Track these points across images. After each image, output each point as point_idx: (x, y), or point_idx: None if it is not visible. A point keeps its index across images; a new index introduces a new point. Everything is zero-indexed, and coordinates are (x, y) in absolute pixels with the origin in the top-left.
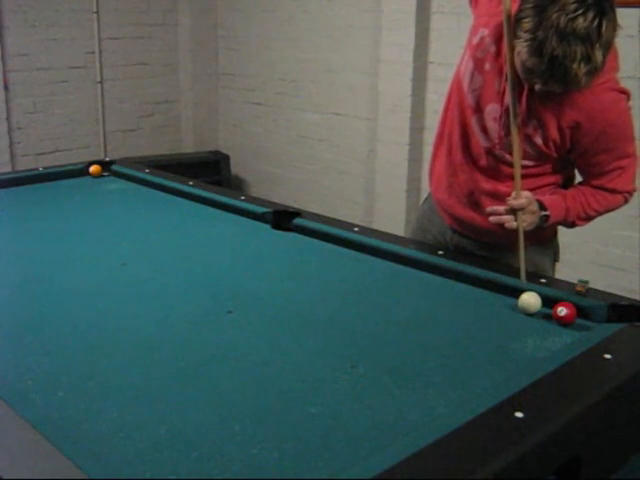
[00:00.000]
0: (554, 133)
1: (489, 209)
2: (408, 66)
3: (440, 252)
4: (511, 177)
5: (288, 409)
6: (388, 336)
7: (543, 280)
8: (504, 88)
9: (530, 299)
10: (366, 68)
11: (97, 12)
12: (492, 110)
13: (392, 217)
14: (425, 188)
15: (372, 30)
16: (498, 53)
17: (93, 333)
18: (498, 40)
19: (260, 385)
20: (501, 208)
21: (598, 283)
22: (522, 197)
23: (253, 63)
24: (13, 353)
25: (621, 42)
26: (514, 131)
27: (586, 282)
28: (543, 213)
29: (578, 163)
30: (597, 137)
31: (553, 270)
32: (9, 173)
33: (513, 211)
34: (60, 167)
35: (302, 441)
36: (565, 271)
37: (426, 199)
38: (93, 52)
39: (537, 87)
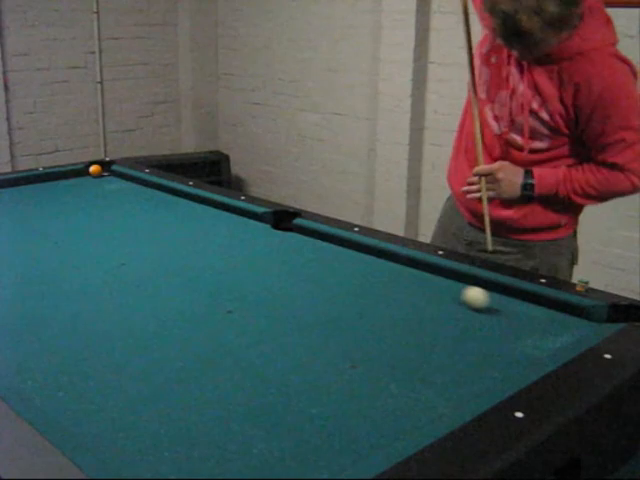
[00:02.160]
0: (557, 105)
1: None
2: (408, 66)
3: (440, 252)
4: (523, 163)
5: (288, 409)
6: (388, 336)
7: (543, 280)
8: (507, 72)
9: (478, 295)
10: (366, 68)
11: (97, 12)
12: (501, 97)
13: (392, 217)
14: (425, 188)
15: (372, 30)
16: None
17: (93, 333)
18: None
19: (260, 385)
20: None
21: (598, 283)
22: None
23: (253, 63)
24: (13, 353)
25: (621, 42)
26: (474, 102)
27: (586, 282)
28: (526, 182)
29: (585, 138)
30: (596, 102)
31: (570, 272)
32: (9, 173)
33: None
34: (60, 167)
35: (302, 441)
36: None
37: (447, 199)
38: (93, 52)
39: (517, 55)
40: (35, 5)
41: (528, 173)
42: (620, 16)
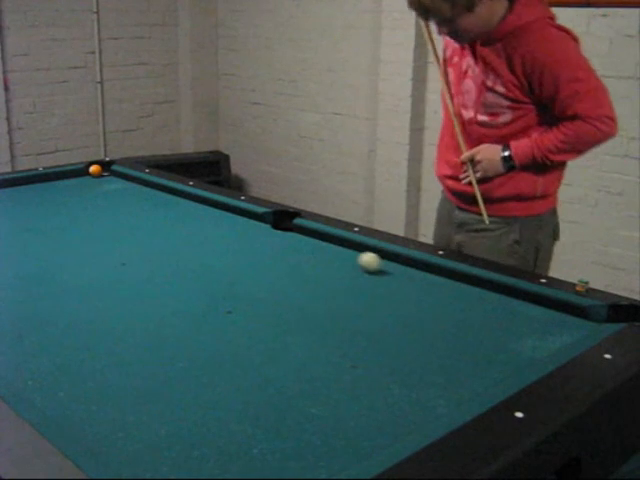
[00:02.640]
0: (509, 76)
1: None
2: (408, 66)
3: (440, 252)
4: (497, 139)
5: (288, 409)
6: (388, 336)
7: (543, 280)
8: (466, 64)
9: (371, 260)
10: (366, 68)
11: (97, 12)
12: (464, 86)
13: (392, 217)
14: (425, 187)
15: (372, 30)
16: (461, 47)
17: (93, 333)
18: None
19: (260, 385)
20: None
21: (598, 283)
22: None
23: (253, 63)
24: (13, 353)
25: (621, 42)
26: (449, 102)
27: (586, 282)
28: (504, 154)
29: (544, 101)
30: (542, 67)
31: (552, 248)
32: (9, 173)
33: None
34: (60, 167)
35: (302, 441)
36: (565, 271)
37: (442, 193)
38: (93, 52)
39: (438, 31)
40: (35, 5)
41: (505, 147)
42: (620, 16)
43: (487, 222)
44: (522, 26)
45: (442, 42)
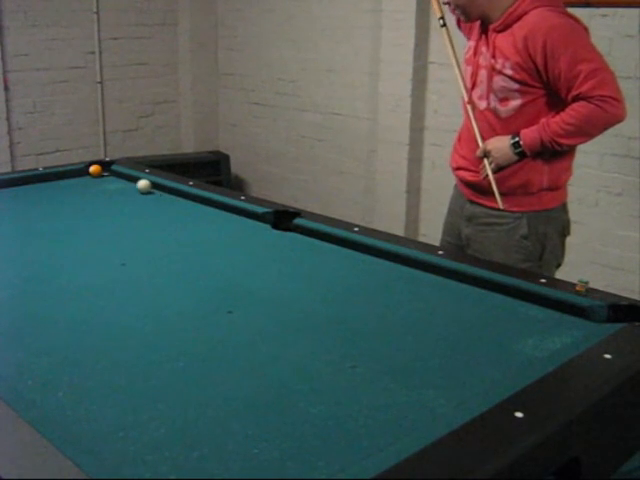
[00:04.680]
0: (515, 56)
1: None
2: (408, 66)
3: (440, 252)
4: (511, 127)
5: (288, 409)
6: (388, 336)
7: (543, 280)
8: (480, 56)
9: (143, 184)
10: (366, 68)
11: (97, 12)
12: (479, 77)
13: (392, 217)
14: (425, 188)
15: (372, 30)
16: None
17: (93, 333)
18: (475, 33)
19: (260, 385)
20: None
21: (598, 283)
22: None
23: (253, 63)
24: (13, 353)
25: (621, 42)
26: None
27: (586, 282)
28: (512, 141)
29: (552, 85)
30: (544, 47)
31: (563, 244)
32: (9, 173)
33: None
34: (60, 167)
35: (302, 441)
36: (565, 271)
37: (454, 187)
38: (93, 52)
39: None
40: (35, 5)
41: (514, 135)
42: (620, 16)
43: (502, 207)
44: (529, 12)
45: (465, 47)
